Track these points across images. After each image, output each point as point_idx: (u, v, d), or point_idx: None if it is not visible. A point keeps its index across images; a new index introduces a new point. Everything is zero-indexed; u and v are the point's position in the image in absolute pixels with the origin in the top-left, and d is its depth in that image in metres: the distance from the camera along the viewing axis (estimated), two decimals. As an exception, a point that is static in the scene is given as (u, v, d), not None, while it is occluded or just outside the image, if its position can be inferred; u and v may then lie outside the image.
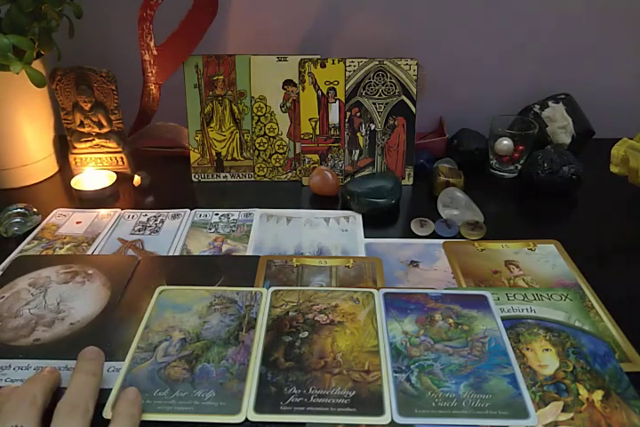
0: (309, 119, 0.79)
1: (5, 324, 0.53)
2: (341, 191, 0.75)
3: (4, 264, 0.62)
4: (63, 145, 0.83)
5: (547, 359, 0.48)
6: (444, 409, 0.44)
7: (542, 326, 0.52)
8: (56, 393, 0.44)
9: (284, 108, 0.80)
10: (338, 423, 0.43)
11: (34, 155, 0.79)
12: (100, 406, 0.44)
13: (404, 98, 0.78)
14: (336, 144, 0.80)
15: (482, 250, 0.65)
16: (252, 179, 0.83)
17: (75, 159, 0.82)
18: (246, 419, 0.43)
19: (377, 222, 0.71)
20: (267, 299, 0.55)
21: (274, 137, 0.81)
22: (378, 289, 0.56)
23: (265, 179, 0.83)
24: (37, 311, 0.55)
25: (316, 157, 0.80)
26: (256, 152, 0.82)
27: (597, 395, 0.45)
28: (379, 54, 0.76)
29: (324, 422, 0.43)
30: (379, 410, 0.44)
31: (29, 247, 0.66)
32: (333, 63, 0.76)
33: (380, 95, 0.78)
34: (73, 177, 0.79)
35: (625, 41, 0.89)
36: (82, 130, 0.80)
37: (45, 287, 0.58)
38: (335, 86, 0.77)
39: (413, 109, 0.78)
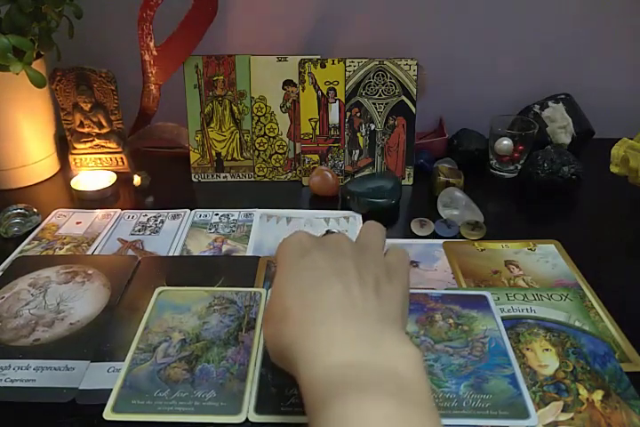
0: (309, 119, 0.79)
1: (5, 324, 0.53)
2: (341, 191, 0.75)
3: (4, 264, 0.62)
4: (63, 145, 0.83)
5: (547, 359, 0.48)
6: (445, 409, 0.44)
7: (542, 326, 0.52)
8: None
9: (283, 109, 0.80)
10: (338, 424, 0.43)
11: (34, 155, 0.79)
12: (100, 406, 0.44)
13: (403, 98, 0.78)
14: (336, 144, 0.80)
15: (482, 250, 0.65)
16: (252, 179, 0.83)
17: (75, 159, 0.82)
18: (247, 419, 0.43)
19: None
20: (266, 299, 0.55)
21: (274, 137, 0.81)
22: (378, 289, 0.56)
23: (265, 179, 0.83)
24: (37, 312, 0.55)
25: (316, 157, 0.80)
26: (256, 152, 0.82)
27: (597, 395, 0.45)
28: (379, 54, 0.76)
29: (324, 422, 0.43)
30: (379, 410, 0.44)
31: (29, 248, 0.66)
32: (333, 63, 0.76)
33: (380, 95, 0.77)
34: (73, 177, 0.79)
35: (625, 41, 0.89)
36: (82, 130, 0.79)
37: (45, 288, 0.58)
38: (335, 86, 0.77)
39: (413, 109, 0.78)
